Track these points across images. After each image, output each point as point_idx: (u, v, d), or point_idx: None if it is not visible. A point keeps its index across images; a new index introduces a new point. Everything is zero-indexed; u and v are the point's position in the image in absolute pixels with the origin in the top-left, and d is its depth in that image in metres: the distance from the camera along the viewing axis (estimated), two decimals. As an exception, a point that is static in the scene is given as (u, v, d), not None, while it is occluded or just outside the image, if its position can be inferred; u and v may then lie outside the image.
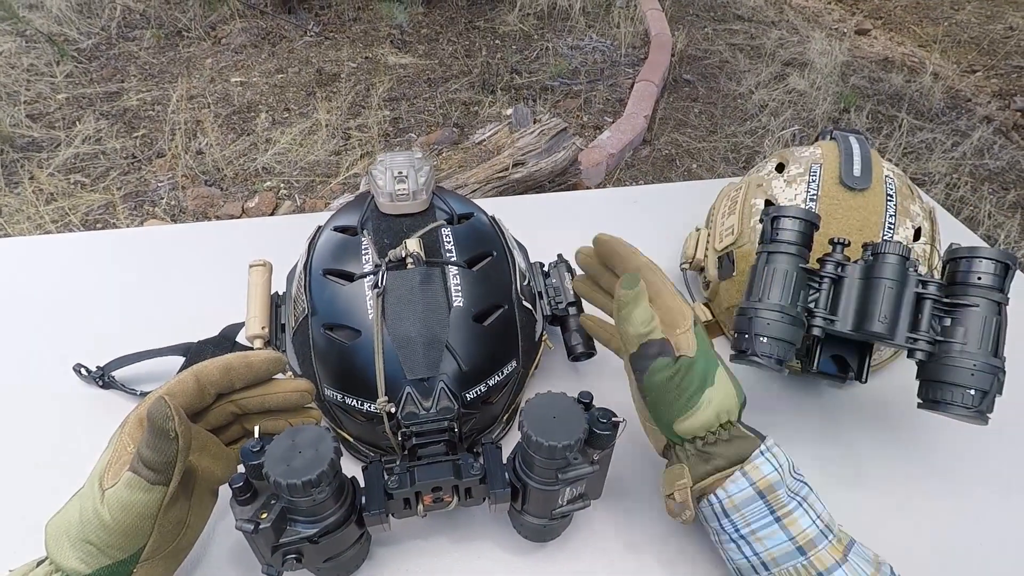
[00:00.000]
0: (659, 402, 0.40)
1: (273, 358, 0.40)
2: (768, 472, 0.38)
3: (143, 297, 0.66)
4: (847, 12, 3.33)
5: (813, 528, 0.38)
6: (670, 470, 0.41)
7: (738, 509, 0.39)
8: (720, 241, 0.62)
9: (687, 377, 0.40)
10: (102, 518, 0.33)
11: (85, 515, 0.33)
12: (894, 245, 0.46)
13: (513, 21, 2.83)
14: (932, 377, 0.45)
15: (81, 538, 0.33)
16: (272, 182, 1.91)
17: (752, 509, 0.38)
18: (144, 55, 2.44)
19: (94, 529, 0.33)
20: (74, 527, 0.34)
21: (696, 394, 0.40)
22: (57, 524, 0.35)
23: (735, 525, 0.39)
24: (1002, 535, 0.49)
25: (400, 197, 0.51)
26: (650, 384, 0.40)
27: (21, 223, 1.68)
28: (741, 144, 2.24)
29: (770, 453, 0.39)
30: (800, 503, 0.39)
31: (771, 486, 0.38)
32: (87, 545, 0.33)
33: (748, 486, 0.38)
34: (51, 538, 0.34)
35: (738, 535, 0.39)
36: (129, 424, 0.37)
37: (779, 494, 0.38)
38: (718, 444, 0.40)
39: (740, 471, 0.38)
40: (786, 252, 0.47)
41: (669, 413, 0.40)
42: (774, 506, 0.38)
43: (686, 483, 0.40)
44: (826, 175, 0.57)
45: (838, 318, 0.47)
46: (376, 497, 0.39)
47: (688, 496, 0.40)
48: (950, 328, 0.44)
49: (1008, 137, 2.34)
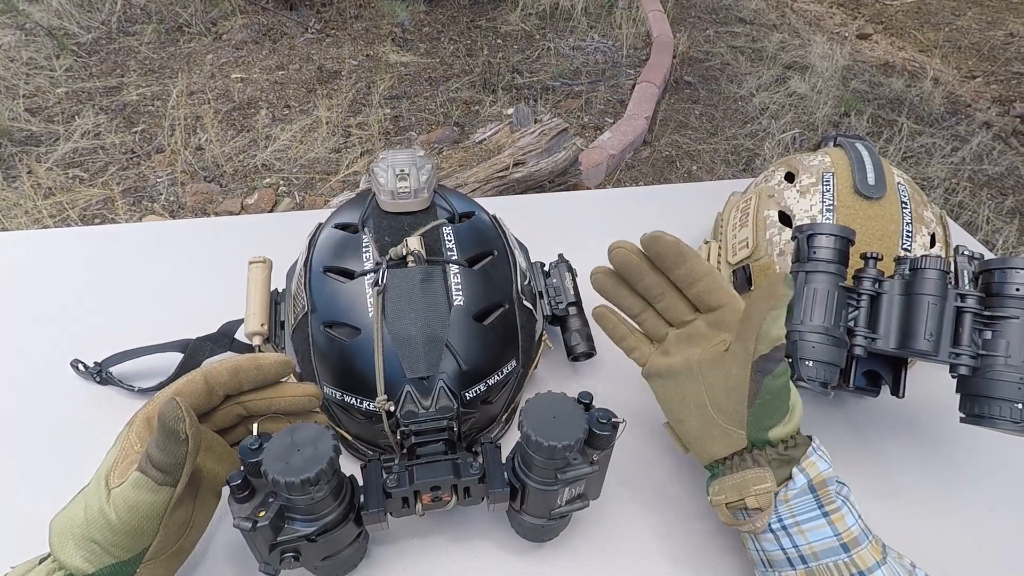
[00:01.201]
0: (769, 406, 0.39)
1: (282, 361, 0.40)
2: (824, 468, 0.38)
3: (141, 293, 0.65)
4: (848, 16, 3.34)
5: (857, 527, 0.38)
6: (741, 475, 0.40)
7: (787, 501, 0.38)
8: (734, 254, 0.61)
9: (783, 381, 0.40)
10: (108, 517, 0.33)
11: (91, 513, 0.33)
12: (933, 260, 0.45)
13: (515, 21, 2.83)
14: (976, 392, 0.44)
15: (86, 536, 0.33)
16: (272, 179, 1.90)
17: (801, 502, 0.38)
18: (144, 50, 2.43)
19: (99, 528, 0.33)
20: (79, 525, 0.33)
21: (789, 400, 0.40)
22: (61, 522, 0.34)
23: (780, 516, 0.39)
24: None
25: (402, 195, 0.51)
26: (771, 387, 0.39)
27: (19, 217, 1.67)
28: (741, 146, 2.24)
29: (821, 450, 0.40)
30: (845, 501, 0.39)
31: (824, 481, 0.38)
32: (92, 544, 0.33)
33: (804, 482, 0.38)
34: (55, 536, 0.34)
35: (780, 526, 0.39)
36: (136, 423, 0.37)
37: (830, 490, 0.38)
38: (797, 447, 0.40)
39: (797, 467, 0.39)
40: (825, 271, 0.46)
41: (773, 418, 0.39)
42: (823, 501, 0.38)
43: (771, 487, 0.39)
44: (840, 184, 0.57)
45: (880, 336, 0.46)
46: (375, 496, 0.39)
47: (771, 501, 0.39)
48: (992, 341, 0.44)
49: (1007, 143, 2.35)
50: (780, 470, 0.39)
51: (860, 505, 0.40)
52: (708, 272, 0.44)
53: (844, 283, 0.47)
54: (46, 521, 0.45)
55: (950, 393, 0.47)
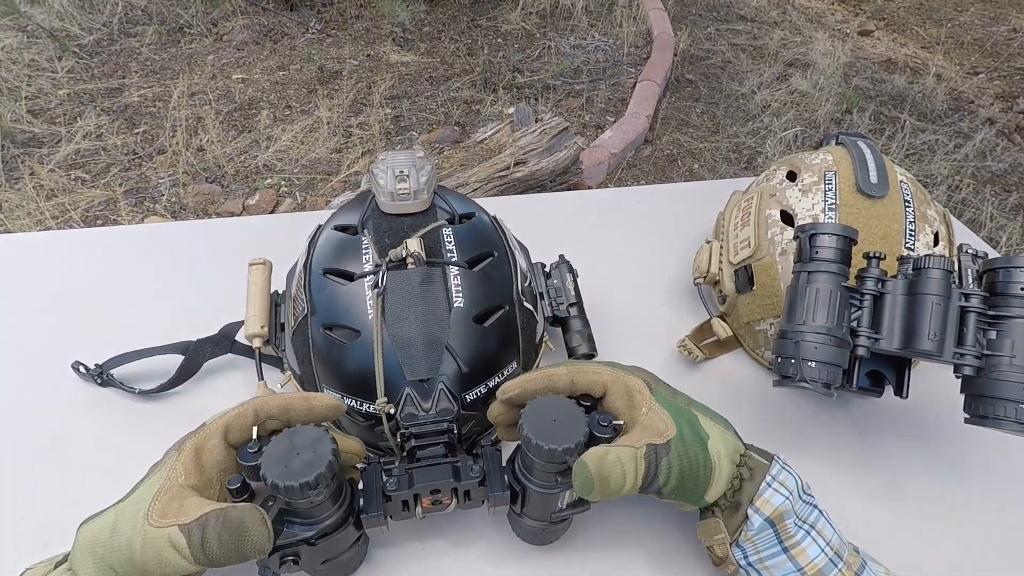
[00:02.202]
0: (683, 494, 0.38)
1: (335, 406, 0.40)
2: (779, 503, 0.37)
3: (142, 294, 0.65)
4: (850, 13, 3.32)
5: (822, 557, 0.37)
6: (705, 524, 0.40)
7: (750, 539, 0.38)
8: (735, 254, 0.60)
9: (688, 454, 0.37)
10: (133, 553, 0.32)
11: (118, 539, 0.33)
12: (937, 259, 0.45)
13: (515, 20, 2.82)
14: (981, 392, 0.44)
15: (106, 561, 0.32)
16: (273, 180, 1.90)
17: (763, 537, 0.38)
18: (146, 51, 2.43)
19: (121, 560, 0.32)
20: (102, 545, 0.33)
21: (706, 460, 0.37)
22: (88, 535, 0.34)
23: (744, 552, 0.39)
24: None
25: (401, 196, 0.51)
26: (671, 492, 0.38)
27: (21, 219, 1.68)
28: (743, 144, 2.24)
29: (777, 482, 0.38)
30: (808, 532, 0.38)
31: (780, 516, 0.37)
32: (109, 570, 0.32)
33: (761, 520, 0.38)
34: (79, 547, 0.33)
35: (747, 563, 0.39)
36: (185, 453, 0.36)
37: (787, 524, 0.37)
38: (743, 487, 0.38)
39: (751, 508, 0.38)
40: (827, 271, 0.46)
41: (696, 494, 0.38)
42: (782, 536, 0.37)
43: (724, 538, 0.39)
44: (842, 183, 0.57)
45: (883, 336, 0.46)
46: (374, 499, 0.39)
47: (728, 550, 0.39)
48: (996, 341, 0.43)
49: (1011, 139, 2.34)
50: (732, 517, 0.39)
51: (860, 505, 0.40)
52: (553, 382, 0.41)
53: (847, 283, 0.47)
54: (46, 522, 0.46)
55: (954, 394, 0.47)
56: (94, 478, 0.49)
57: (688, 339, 0.60)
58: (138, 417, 0.54)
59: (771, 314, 0.57)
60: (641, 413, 0.39)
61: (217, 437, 0.37)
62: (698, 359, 0.60)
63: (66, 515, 0.39)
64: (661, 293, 0.69)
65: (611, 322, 0.62)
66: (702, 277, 0.63)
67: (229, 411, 0.38)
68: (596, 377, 0.41)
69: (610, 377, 0.41)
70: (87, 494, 0.40)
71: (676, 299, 0.68)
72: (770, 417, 0.57)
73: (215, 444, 0.37)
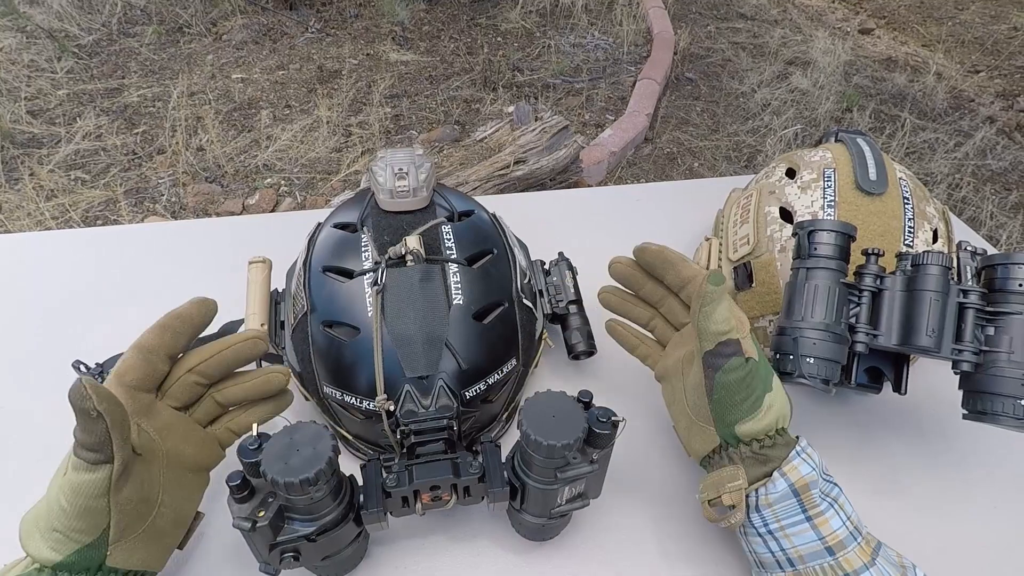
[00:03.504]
0: (727, 401, 0.40)
1: (199, 301, 0.41)
2: (806, 472, 0.38)
3: (142, 293, 0.65)
4: (851, 11, 3.32)
5: (843, 529, 0.38)
6: (718, 473, 0.41)
7: (771, 506, 0.39)
8: (734, 251, 0.60)
9: (755, 379, 0.40)
10: (60, 504, 0.33)
11: (50, 504, 0.34)
12: (935, 255, 0.45)
13: (515, 18, 2.82)
14: (979, 388, 0.44)
15: (48, 527, 0.33)
16: (272, 179, 1.90)
17: (785, 506, 0.38)
18: (145, 51, 2.43)
19: (57, 516, 0.33)
20: (42, 517, 0.34)
21: (760, 397, 0.40)
22: (28, 518, 0.35)
23: (764, 520, 0.39)
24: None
25: (400, 194, 0.51)
26: (722, 382, 0.39)
27: (21, 219, 1.68)
28: (743, 143, 2.24)
29: (805, 453, 0.39)
30: (831, 504, 0.39)
31: (807, 485, 0.38)
32: (54, 533, 0.33)
33: (786, 486, 0.38)
34: (24, 532, 0.35)
35: (766, 530, 0.39)
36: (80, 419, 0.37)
37: (812, 494, 0.38)
38: (775, 447, 0.39)
39: (778, 471, 0.38)
40: (826, 268, 0.46)
41: (734, 413, 0.40)
42: (806, 505, 0.38)
43: (742, 484, 0.39)
44: (841, 180, 0.57)
45: (881, 332, 0.46)
46: (374, 495, 0.39)
47: (742, 497, 0.39)
48: (994, 337, 0.43)
49: (1011, 138, 2.33)
50: (754, 469, 0.39)
51: (860, 501, 0.40)
52: (694, 275, 0.44)
53: (845, 279, 0.47)
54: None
55: (952, 390, 0.47)
56: (95, 476, 0.49)
57: (687, 336, 0.60)
58: (138, 415, 0.54)
59: (770, 311, 0.57)
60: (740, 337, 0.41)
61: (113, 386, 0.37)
62: (697, 356, 0.60)
63: (67, 512, 0.39)
64: (660, 291, 0.69)
65: (610, 319, 0.62)
66: None
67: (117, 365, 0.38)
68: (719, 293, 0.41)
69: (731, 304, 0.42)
70: (88, 491, 0.40)
71: (675, 296, 0.68)
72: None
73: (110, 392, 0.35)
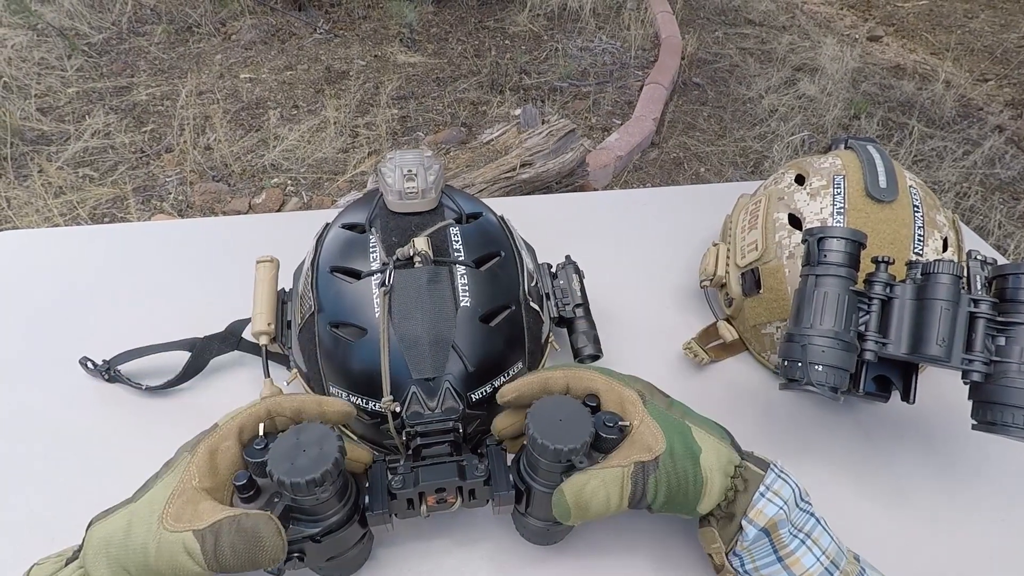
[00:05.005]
0: (673, 508, 0.38)
1: (346, 411, 0.40)
2: (773, 512, 0.37)
3: (149, 291, 0.66)
4: (859, 18, 3.31)
5: (817, 566, 0.37)
6: (703, 532, 0.41)
7: (747, 549, 0.38)
8: (742, 257, 0.60)
9: (677, 471, 0.37)
10: (148, 556, 0.32)
11: (132, 541, 0.33)
12: (947, 264, 0.44)
13: (523, 21, 2.83)
14: (989, 399, 0.44)
15: (119, 562, 0.32)
16: (279, 179, 1.91)
17: (758, 547, 0.38)
18: (154, 50, 2.45)
19: (136, 562, 0.32)
20: (116, 546, 0.33)
21: (696, 475, 0.37)
22: (101, 534, 0.33)
23: (742, 561, 0.39)
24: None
25: (409, 195, 0.51)
26: (660, 508, 0.38)
27: (30, 216, 1.69)
28: (750, 149, 2.23)
29: (771, 492, 0.38)
30: (803, 540, 0.38)
31: (775, 525, 0.37)
32: (123, 572, 0.32)
33: (755, 531, 0.37)
34: (91, 546, 0.33)
35: (744, 571, 0.39)
36: (199, 455, 0.36)
37: (781, 534, 0.37)
38: (737, 498, 0.38)
39: (745, 519, 0.37)
40: (835, 275, 0.46)
41: (687, 507, 0.38)
42: (777, 546, 0.37)
43: (719, 547, 0.39)
44: (851, 187, 0.56)
45: (891, 341, 0.45)
46: (379, 497, 0.39)
47: (724, 559, 0.39)
48: (1005, 347, 0.43)
49: (1020, 147, 2.32)
50: (726, 528, 0.39)
51: (866, 510, 0.39)
52: (553, 385, 0.43)
53: (855, 287, 0.47)
54: (53, 517, 0.46)
55: (962, 399, 0.47)
56: (101, 473, 0.49)
57: (694, 342, 0.60)
58: (144, 413, 0.54)
59: (778, 317, 0.57)
60: (632, 426, 0.39)
61: (232, 438, 0.37)
62: (704, 362, 0.60)
63: (73, 509, 0.39)
64: (667, 295, 0.69)
65: (617, 323, 0.62)
66: (708, 280, 0.63)
67: (242, 411, 0.38)
68: (591, 383, 0.42)
69: (604, 385, 0.41)
70: (94, 489, 0.40)
71: (682, 302, 0.68)
72: (776, 421, 0.57)
73: (229, 446, 0.37)
